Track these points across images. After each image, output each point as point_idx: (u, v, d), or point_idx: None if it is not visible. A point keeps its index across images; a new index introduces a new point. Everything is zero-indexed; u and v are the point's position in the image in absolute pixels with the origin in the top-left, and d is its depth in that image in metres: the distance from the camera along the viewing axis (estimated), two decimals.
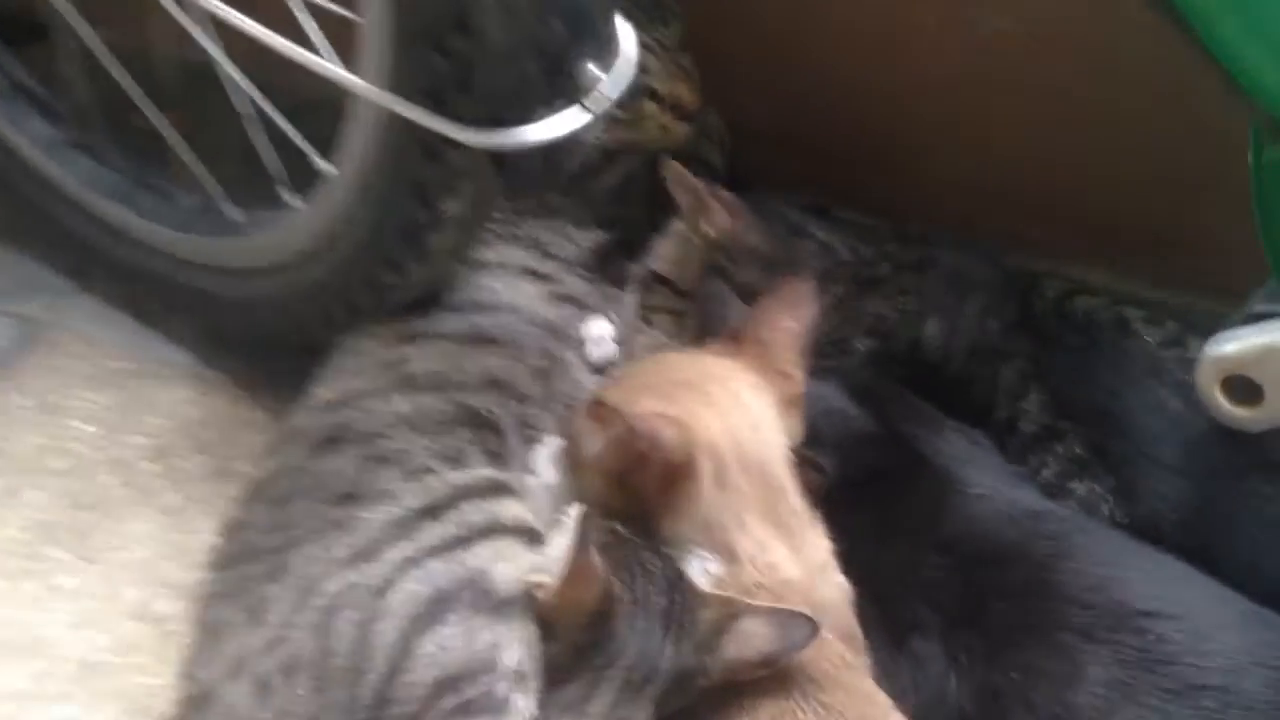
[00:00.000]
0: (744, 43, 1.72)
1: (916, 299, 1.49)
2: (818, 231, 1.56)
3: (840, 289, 1.49)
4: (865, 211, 1.77)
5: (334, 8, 1.21)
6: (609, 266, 1.54)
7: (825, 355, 1.40)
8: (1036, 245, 1.70)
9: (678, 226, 1.58)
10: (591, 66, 1.12)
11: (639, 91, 1.51)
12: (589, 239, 1.54)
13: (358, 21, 1.18)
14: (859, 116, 1.74)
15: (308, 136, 1.35)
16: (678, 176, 1.53)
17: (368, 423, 1.29)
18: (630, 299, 1.55)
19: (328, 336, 1.43)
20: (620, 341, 1.47)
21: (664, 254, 1.60)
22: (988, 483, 1.30)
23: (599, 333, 1.46)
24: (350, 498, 1.21)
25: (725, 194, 1.55)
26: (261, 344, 1.59)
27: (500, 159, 1.15)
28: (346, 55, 1.20)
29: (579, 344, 1.45)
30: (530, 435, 1.34)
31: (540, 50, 1.07)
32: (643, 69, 1.43)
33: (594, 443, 1.19)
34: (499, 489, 1.20)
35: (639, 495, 1.17)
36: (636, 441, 1.14)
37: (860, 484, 1.31)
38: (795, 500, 1.22)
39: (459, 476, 1.22)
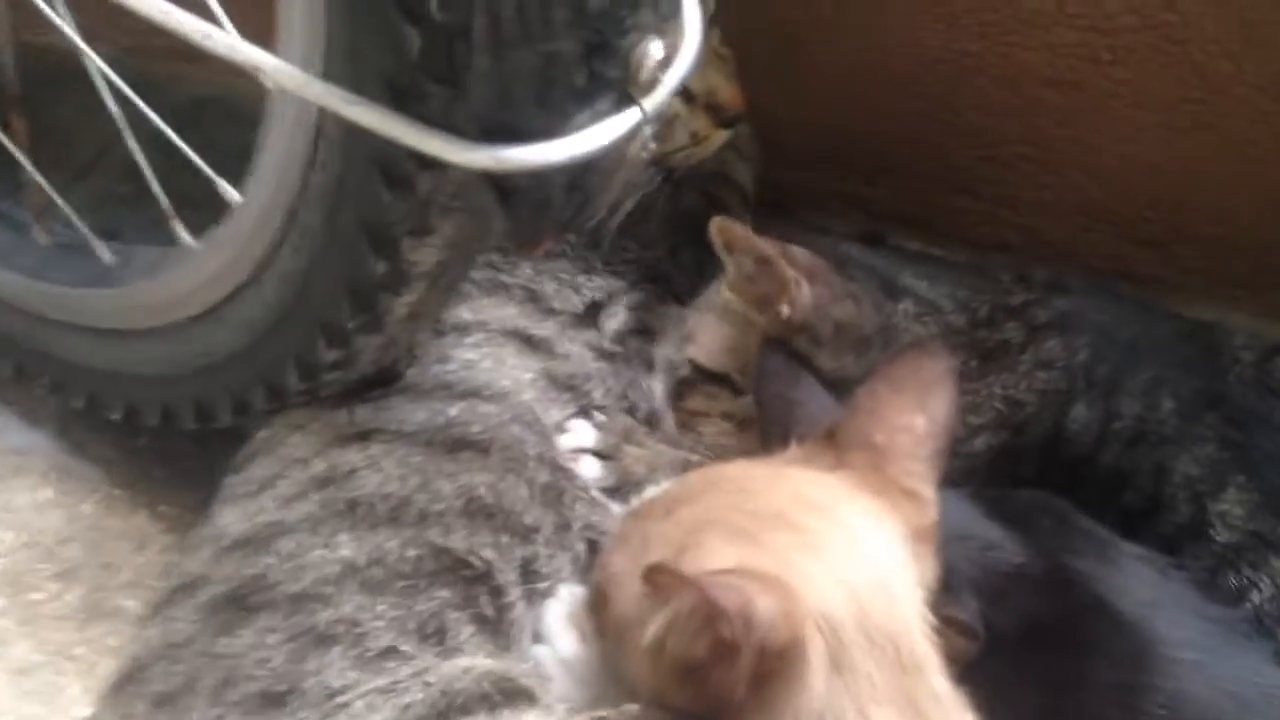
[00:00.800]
0: (775, 31, 1.37)
1: (1063, 374, 1.08)
2: (915, 283, 1.15)
3: (957, 363, 1.08)
4: (930, 241, 1.40)
5: None
6: (627, 336, 1.13)
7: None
8: (1156, 281, 1.38)
9: (724, 298, 1.15)
10: (649, 44, 0.70)
11: None
12: (599, 289, 1.12)
13: None
14: (927, 118, 1.38)
15: (208, 150, 0.97)
16: (731, 237, 1.11)
17: (297, 575, 0.91)
18: (658, 385, 1.14)
19: (241, 424, 1.08)
20: (610, 454, 1.05)
21: (705, 338, 1.17)
22: (1197, 640, 0.93)
23: (573, 441, 1.06)
24: (274, 700, 0.83)
25: (800, 254, 1.13)
26: (148, 431, 1.23)
27: (505, 186, 0.72)
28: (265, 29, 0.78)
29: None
30: (537, 588, 0.95)
31: (574, 18, 0.66)
32: None
33: (647, 617, 0.80)
34: (511, 694, 0.79)
35: (717, 692, 0.80)
36: (718, 623, 0.76)
37: (1013, 643, 0.93)
38: (937, 681, 0.84)
39: (444, 669, 0.82)
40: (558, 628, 0.95)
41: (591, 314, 1.14)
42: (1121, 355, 1.11)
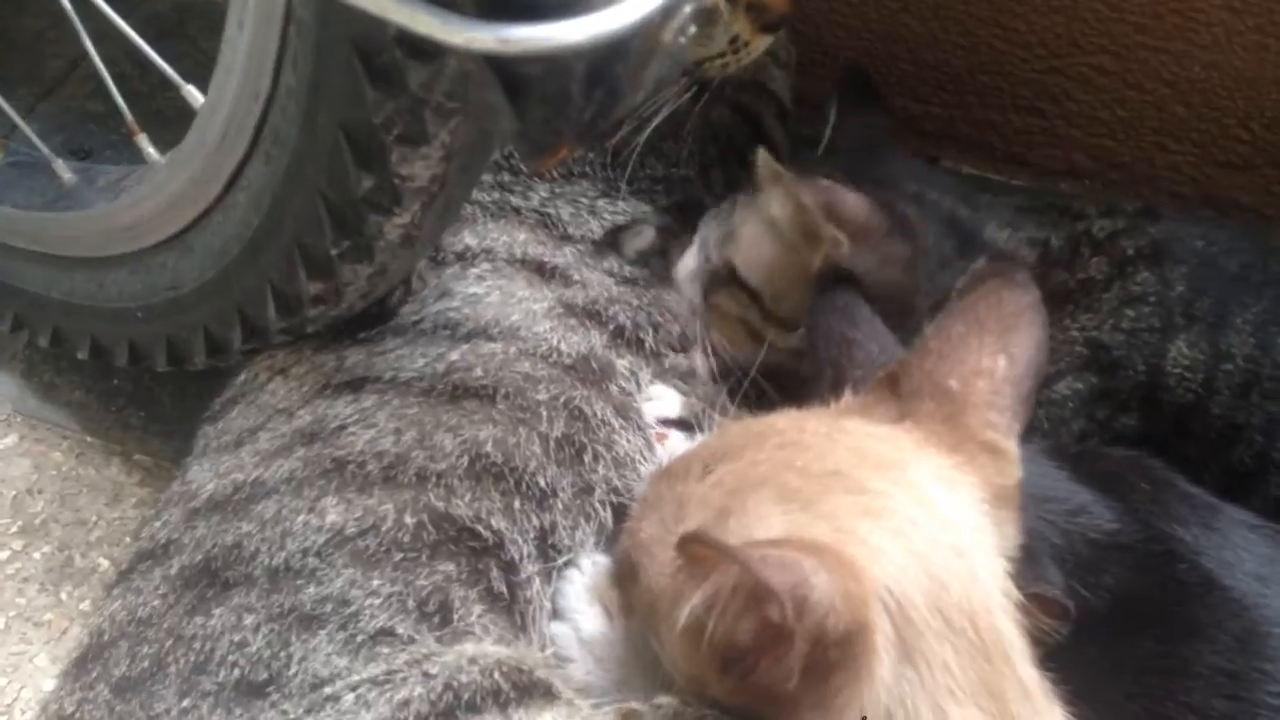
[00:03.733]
0: None
1: (1156, 309, 0.94)
2: (996, 235, 1.01)
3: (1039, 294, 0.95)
4: (987, 165, 1.26)
5: None
6: (650, 257, 1.00)
7: None
8: (1246, 210, 1.25)
9: (771, 211, 1.01)
10: None
11: None
12: (621, 213, 0.99)
13: None
14: (987, 24, 1.23)
15: (188, 60, 0.85)
16: (773, 173, 0.98)
17: (278, 545, 0.79)
18: (698, 320, 1.00)
19: (217, 366, 0.97)
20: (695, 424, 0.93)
21: (747, 246, 1.03)
22: None
23: (657, 410, 0.95)
24: (252, 690, 0.72)
25: (851, 206, 0.98)
26: (121, 373, 1.15)
27: (514, 77, 0.58)
28: None
29: (621, 390, 0.90)
30: (555, 558, 0.83)
31: None
32: None
33: (683, 593, 0.68)
34: (526, 688, 0.66)
35: (766, 683, 0.68)
36: (766, 605, 0.65)
37: (1104, 623, 0.81)
38: (1025, 669, 0.72)
39: (447, 657, 0.71)
40: (579, 603, 0.84)
41: (611, 239, 1.01)
42: (1227, 287, 0.97)
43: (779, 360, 1.01)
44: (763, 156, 0.98)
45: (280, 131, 0.75)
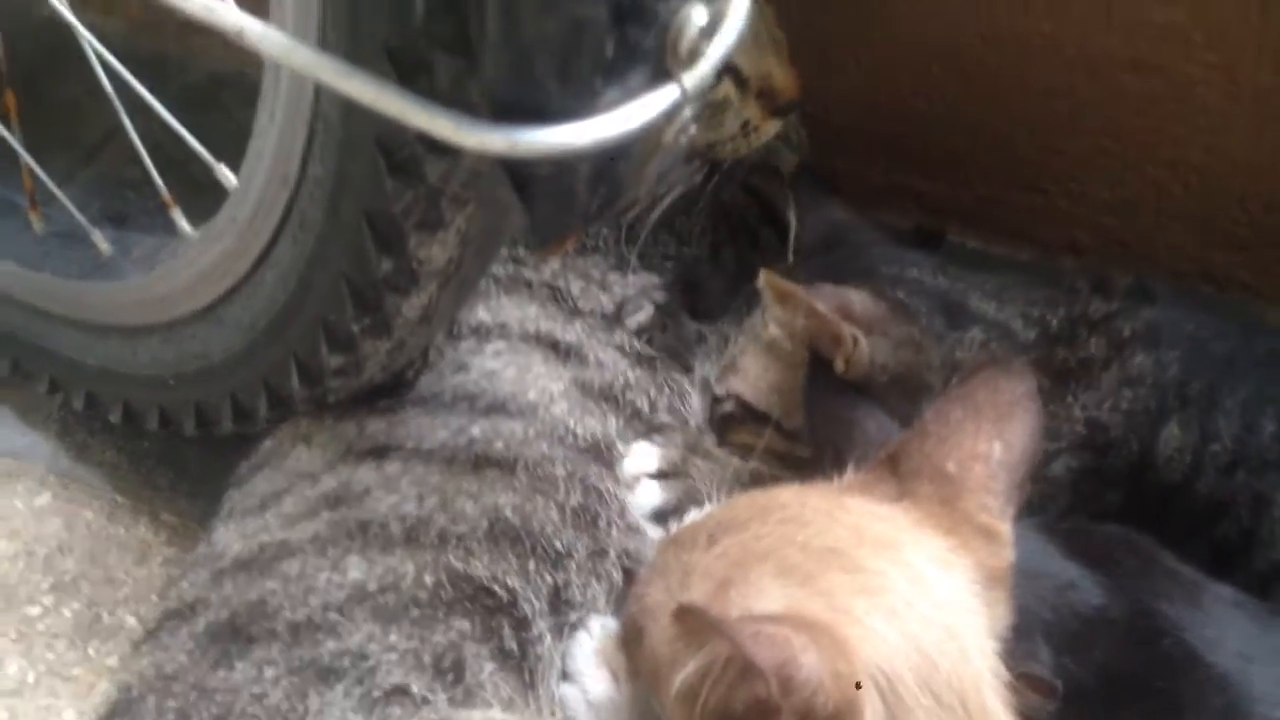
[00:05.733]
0: (831, 6, 1.26)
1: (1152, 391, 0.97)
2: (983, 306, 1.03)
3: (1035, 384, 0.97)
4: (992, 240, 1.29)
5: None
6: (661, 335, 1.03)
7: None
8: (1242, 288, 1.27)
9: (770, 334, 1.04)
10: (691, 8, 0.60)
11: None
12: (632, 288, 1.02)
13: None
14: (993, 105, 1.26)
15: (222, 132, 0.88)
16: (782, 292, 1.00)
17: (301, 601, 0.82)
18: (697, 401, 1.03)
19: (244, 432, 1.00)
20: (675, 472, 0.95)
21: (750, 373, 1.04)
22: None
23: (636, 466, 0.95)
24: None
25: (857, 303, 1.01)
26: (147, 433, 1.16)
27: (523, 174, 0.62)
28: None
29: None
30: (566, 619, 0.86)
31: None
32: None
33: (681, 660, 0.71)
34: None
35: None
36: (753, 679, 0.66)
37: (1091, 697, 0.82)
38: None
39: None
40: (587, 665, 0.86)
41: (619, 312, 1.04)
42: (1217, 371, 0.99)
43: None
44: (766, 275, 0.99)
45: (307, 215, 0.79)
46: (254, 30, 0.60)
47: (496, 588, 0.83)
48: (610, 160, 0.64)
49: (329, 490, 0.88)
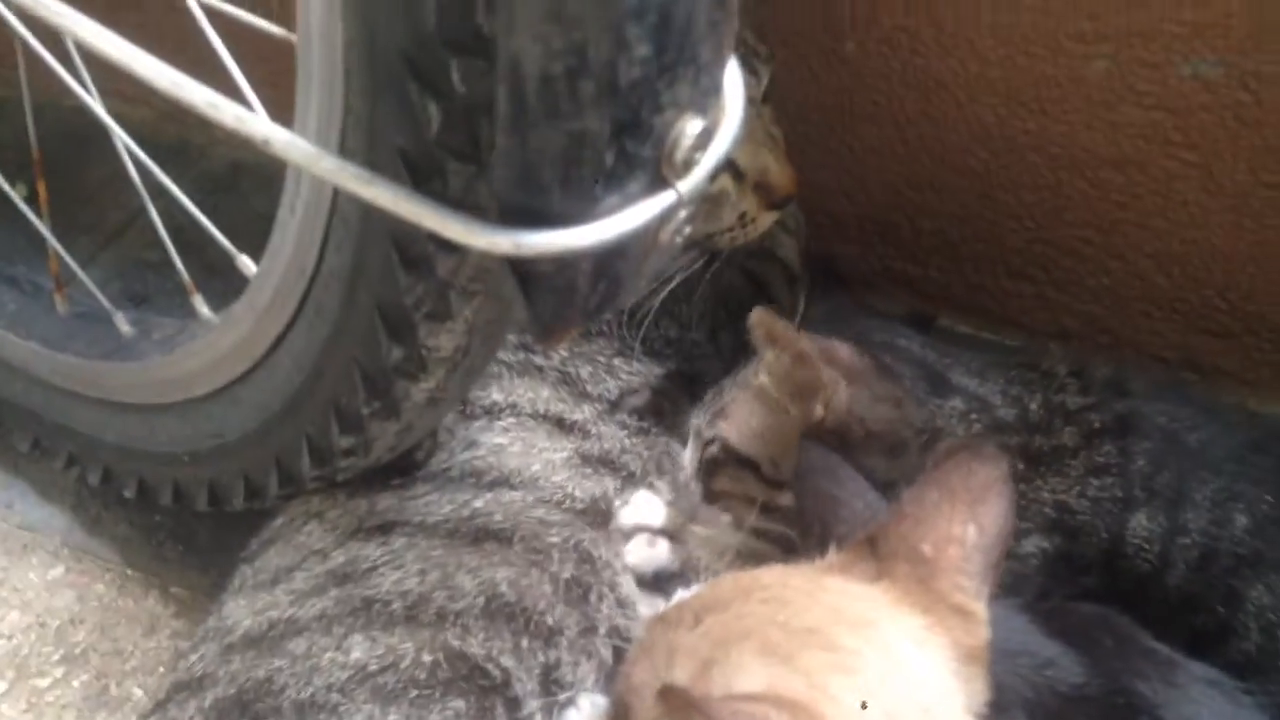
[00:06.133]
0: (828, 105, 1.31)
1: (1118, 481, 1.00)
2: (965, 381, 1.07)
3: (1008, 468, 1.01)
4: (982, 326, 1.33)
5: (253, 20, 0.74)
6: (658, 416, 1.06)
7: None
8: (1226, 375, 1.31)
9: (760, 383, 1.08)
10: (686, 122, 0.65)
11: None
12: (636, 374, 1.06)
13: (291, 41, 0.71)
14: (981, 197, 1.32)
15: (241, 217, 0.93)
16: (772, 331, 1.04)
17: (306, 680, 0.85)
18: (688, 455, 1.07)
19: (256, 507, 1.03)
20: (676, 533, 0.98)
21: (738, 419, 1.08)
22: None
23: (638, 516, 0.97)
24: None
25: (843, 352, 1.05)
26: (159, 507, 1.19)
27: (527, 272, 0.67)
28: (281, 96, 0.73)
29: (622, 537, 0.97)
30: (557, 694, 0.89)
31: (603, 94, 0.60)
32: None
33: None
34: None
35: None
36: None
37: None
38: None
39: None
40: None
41: (620, 400, 1.08)
42: (1187, 463, 1.02)
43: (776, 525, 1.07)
44: (758, 314, 1.03)
45: (323, 304, 0.83)
46: (280, 139, 0.65)
47: (491, 667, 0.86)
48: (610, 259, 0.68)
49: (337, 566, 0.92)
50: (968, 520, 0.83)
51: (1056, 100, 1.19)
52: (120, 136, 0.94)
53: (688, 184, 0.67)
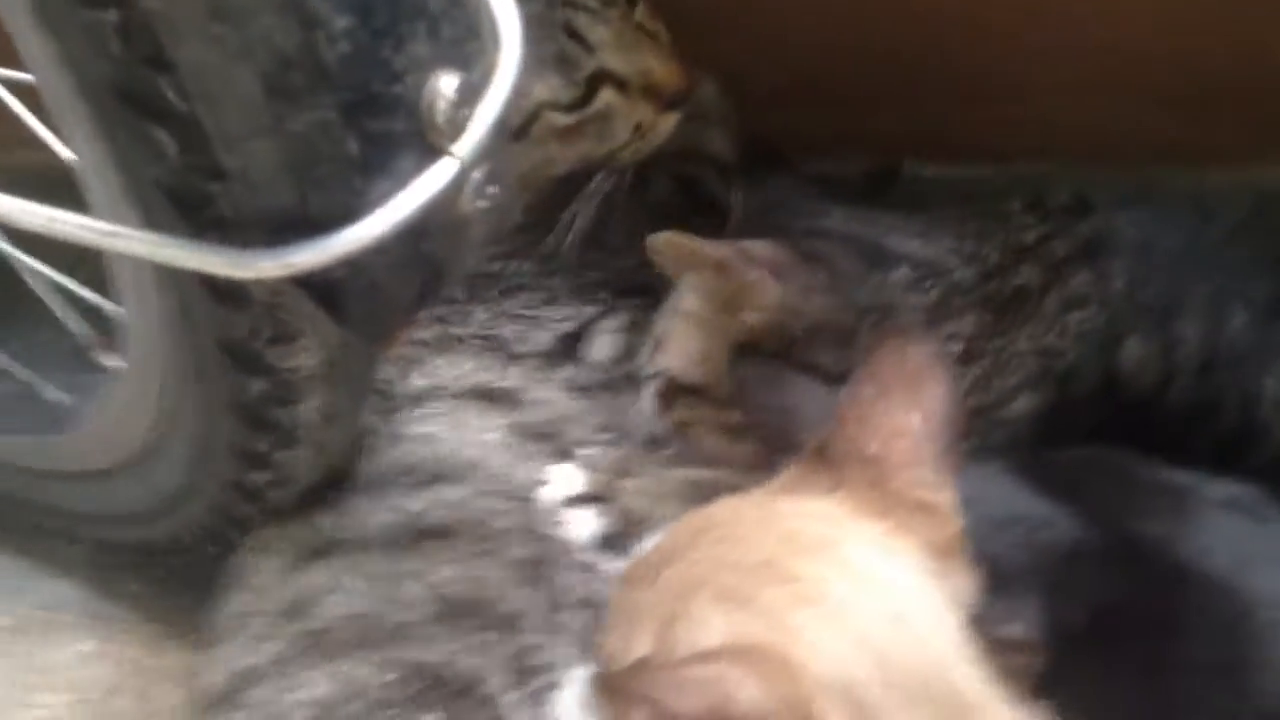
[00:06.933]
0: None
1: (1098, 308, 0.92)
2: (906, 244, 0.99)
3: (969, 323, 0.93)
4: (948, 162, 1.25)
5: None
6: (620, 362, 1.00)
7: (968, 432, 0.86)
8: (1209, 150, 1.17)
9: (686, 304, 1.01)
10: (438, 80, 0.57)
11: (593, 80, 0.97)
12: (568, 319, 1.00)
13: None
14: (906, 29, 1.22)
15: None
16: (676, 252, 0.97)
17: None
18: (646, 406, 1.00)
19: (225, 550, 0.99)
20: (604, 495, 0.92)
21: (675, 347, 1.01)
22: None
23: (556, 491, 0.92)
24: None
25: (761, 249, 0.98)
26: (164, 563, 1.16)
27: (317, 286, 0.60)
28: None
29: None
30: (537, 682, 0.84)
31: (320, 78, 0.53)
32: (582, 42, 0.92)
33: None
34: None
35: None
36: None
37: (1084, 634, 0.78)
38: (1000, 714, 0.69)
39: None
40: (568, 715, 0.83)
41: (566, 348, 1.02)
42: (1169, 272, 0.93)
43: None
44: (657, 240, 0.96)
45: (177, 349, 0.78)
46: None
47: (452, 672, 0.81)
48: (409, 246, 0.62)
49: (285, 603, 0.88)
50: (909, 409, 0.76)
51: None
52: None
53: (466, 145, 0.60)
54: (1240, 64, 1.12)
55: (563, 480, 0.97)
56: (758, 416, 0.88)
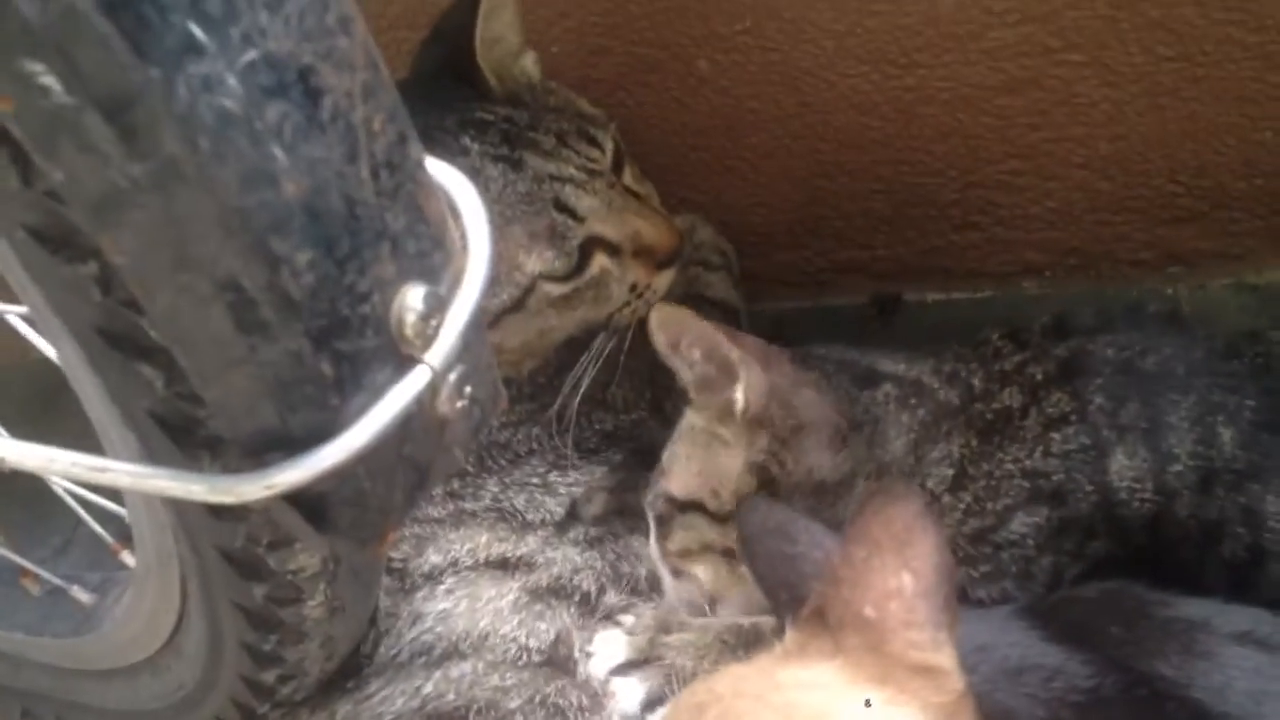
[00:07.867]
0: (708, 132, 1.25)
1: (1080, 426, 0.92)
2: (892, 366, 1.00)
3: (958, 446, 0.93)
4: (948, 287, 1.27)
5: None
6: (622, 514, 1.01)
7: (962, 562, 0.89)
8: (1211, 256, 1.22)
9: (690, 421, 1.02)
10: (405, 295, 0.59)
11: (585, 248, 1.00)
12: (577, 483, 1.01)
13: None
14: (894, 164, 1.25)
15: None
16: (671, 325, 0.97)
17: None
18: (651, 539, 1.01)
19: None
20: (646, 657, 0.92)
21: (678, 466, 1.02)
22: None
23: (606, 662, 0.92)
24: None
25: (751, 341, 0.99)
26: None
27: (304, 502, 0.62)
28: None
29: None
30: None
31: (288, 311, 0.55)
32: (571, 213, 0.94)
33: None
34: None
35: None
36: None
37: None
38: None
39: None
40: None
41: (573, 513, 1.03)
42: (1149, 387, 0.93)
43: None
44: (663, 310, 0.97)
45: (186, 556, 0.80)
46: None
47: None
48: (391, 452, 0.63)
49: None
50: (900, 569, 0.75)
51: (921, 47, 1.11)
52: None
53: (438, 353, 0.62)
54: (1251, 169, 1.13)
55: (607, 647, 0.96)
56: (763, 566, 0.88)
